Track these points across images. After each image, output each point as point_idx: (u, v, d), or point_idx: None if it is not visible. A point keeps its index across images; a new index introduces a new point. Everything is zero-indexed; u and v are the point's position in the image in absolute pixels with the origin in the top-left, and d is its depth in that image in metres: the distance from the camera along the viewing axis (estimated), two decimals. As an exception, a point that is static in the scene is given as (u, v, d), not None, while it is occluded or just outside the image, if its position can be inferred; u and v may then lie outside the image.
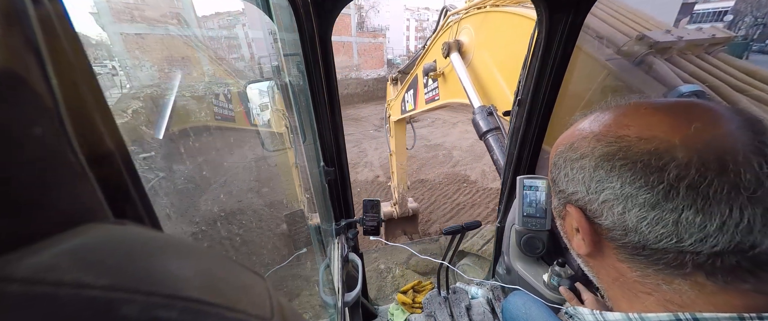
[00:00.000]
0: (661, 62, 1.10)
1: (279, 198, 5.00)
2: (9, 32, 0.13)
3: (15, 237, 0.12)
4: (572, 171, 0.37)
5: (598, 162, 0.34)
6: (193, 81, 7.07)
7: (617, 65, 1.16)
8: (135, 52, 8.13)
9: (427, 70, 2.36)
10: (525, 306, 1.05)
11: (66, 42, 0.17)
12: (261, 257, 4.28)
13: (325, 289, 0.99)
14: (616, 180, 0.32)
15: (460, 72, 1.86)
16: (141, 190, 0.22)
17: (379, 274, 3.18)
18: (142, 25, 8.26)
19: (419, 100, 2.89)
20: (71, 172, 0.15)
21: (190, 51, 7.30)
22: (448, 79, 2.25)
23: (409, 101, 3.18)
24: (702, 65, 1.17)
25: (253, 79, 5.31)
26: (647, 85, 1.09)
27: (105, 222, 0.16)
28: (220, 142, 6.76)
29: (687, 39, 1.19)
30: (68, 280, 0.11)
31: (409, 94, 3.15)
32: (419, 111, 3.00)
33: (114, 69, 7.77)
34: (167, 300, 0.13)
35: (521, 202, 1.12)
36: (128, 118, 4.93)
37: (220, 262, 0.18)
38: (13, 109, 0.12)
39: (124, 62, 8.34)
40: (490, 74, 1.77)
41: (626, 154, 0.31)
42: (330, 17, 0.79)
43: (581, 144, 0.36)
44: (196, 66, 7.39)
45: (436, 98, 2.53)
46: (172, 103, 4.16)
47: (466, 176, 7.17)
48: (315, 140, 1.00)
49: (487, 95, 1.79)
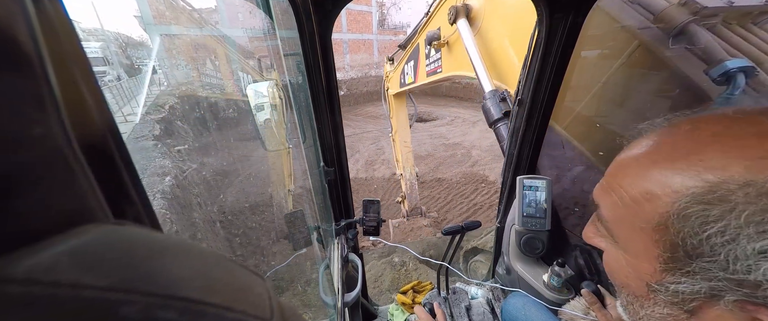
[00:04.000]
0: (705, 32, 0.92)
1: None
2: (9, 32, 0.13)
3: (14, 237, 0.12)
4: (743, 243, 0.25)
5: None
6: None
7: (651, 36, 0.98)
8: (172, 51, 8.50)
9: (431, 38, 2.12)
10: (524, 307, 1.05)
11: (66, 41, 0.17)
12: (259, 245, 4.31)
13: (325, 289, 0.99)
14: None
15: (467, 42, 1.61)
16: (141, 190, 0.22)
17: (393, 267, 3.16)
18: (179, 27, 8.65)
19: (420, 72, 2.63)
20: (71, 172, 0.15)
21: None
22: (453, 49, 2.01)
23: (409, 73, 2.90)
24: (748, 37, 0.98)
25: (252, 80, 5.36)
26: (685, 61, 0.93)
27: (105, 222, 0.16)
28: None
29: (737, 5, 0.99)
30: (67, 281, 0.11)
31: (409, 66, 2.86)
32: (420, 84, 2.73)
33: (154, 69, 8.23)
34: (166, 300, 0.13)
35: (521, 202, 1.11)
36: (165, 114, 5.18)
37: (219, 262, 0.18)
38: (13, 108, 0.12)
39: (163, 62, 8.71)
40: (500, 46, 1.54)
41: None
42: (330, 17, 0.79)
43: (739, 197, 0.25)
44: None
45: (438, 70, 2.28)
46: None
47: (485, 176, 7.12)
48: (315, 140, 1.00)
49: (497, 71, 1.56)
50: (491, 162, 7.86)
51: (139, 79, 8.83)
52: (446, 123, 12.15)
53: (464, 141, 9.63)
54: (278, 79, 2.56)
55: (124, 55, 12.04)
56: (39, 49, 0.14)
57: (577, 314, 0.87)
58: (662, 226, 0.30)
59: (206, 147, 6.99)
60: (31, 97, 0.13)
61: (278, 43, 0.99)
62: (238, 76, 4.66)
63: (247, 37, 15.13)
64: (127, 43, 14.39)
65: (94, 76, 0.19)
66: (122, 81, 8.08)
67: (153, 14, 8.87)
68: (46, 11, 0.15)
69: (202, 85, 8.94)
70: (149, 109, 6.55)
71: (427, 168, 7.76)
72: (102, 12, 15.82)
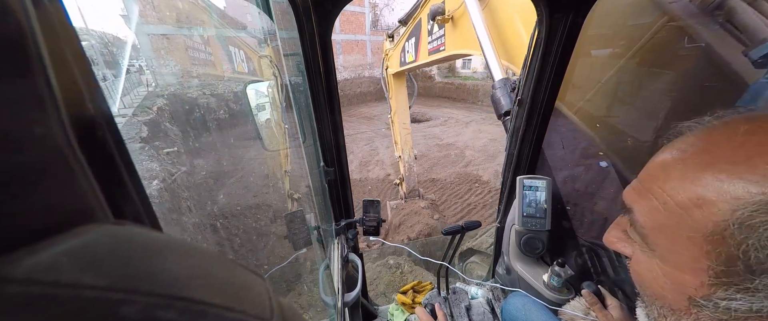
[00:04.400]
0: (747, 7, 0.82)
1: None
2: (9, 32, 0.13)
3: (14, 237, 0.12)
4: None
5: None
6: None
7: (684, 11, 0.87)
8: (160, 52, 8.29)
9: (435, 12, 1.98)
10: (525, 307, 1.05)
11: (66, 42, 0.17)
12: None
13: (325, 289, 0.99)
14: None
15: (474, 17, 1.46)
16: (141, 190, 0.22)
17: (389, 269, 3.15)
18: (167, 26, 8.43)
19: (421, 50, 2.47)
20: (71, 172, 0.15)
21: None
22: (458, 25, 1.87)
23: (410, 51, 2.72)
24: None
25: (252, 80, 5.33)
26: (720, 40, 0.81)
27: (105, 222, 0.16)
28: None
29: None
30: (67, 281, 0.11)
31: (411, 43, 2.68)
32: (421, 63, 2.58)
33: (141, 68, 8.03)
34: (167, 300, 0.13)
35: (521, 202, 1.11)
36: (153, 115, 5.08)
37: (219, 262, 0.18)
38: (13, 108, 0.12)
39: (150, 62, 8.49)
40: (510, 22, 1.39)
41: None
42: (330, 17, 0.79)
43: None
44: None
45: (440, 48, 2.14)
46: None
47: (479, 176, 7.17)
48: (315, 140, 1.00)
49: (505, 49, 1.41)
50: (484, 162, 7.91)
51: (123, 78, 8.71)
52: (440, 123, 12.21)
53: (457, 141, 9.68)
54: (272, 55, 2.46)
55: (109, 54, 11.78)
56: (39, 49, 0.14)
57: (577, 314, 0.87)
58: (717, 236, 0.27)
59: (198, 136, 6.86)
60: (31, 97, 0.13)
61: (278, 43, 0.99)
62: (228, 50, 4.37)
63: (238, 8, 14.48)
64: (111, 42, 14.02)
65: (94, 76, 0.19)
66: (108, 82, 7.93)
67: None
68: (46, 11, 0.15)
69: (190, 60, 8.54)
70: (136, 110, 6.44)
71: (421, 169, 7.79)
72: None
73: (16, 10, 0.13)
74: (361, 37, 20.37)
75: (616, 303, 0.81)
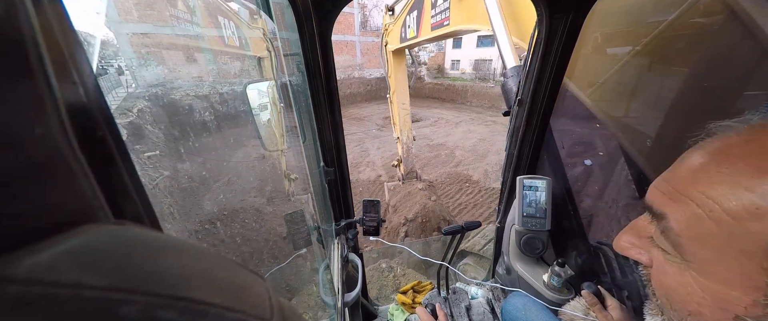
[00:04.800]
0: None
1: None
2: (9, 32, 0.13)
3: (14, 237, 0.12)
4: None
5: None
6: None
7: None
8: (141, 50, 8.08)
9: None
10: (525, 307, 1.05)
11: (66, 41, 0.17)
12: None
13: (325, 289, 0.99)
14: None
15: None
16: (141, 190, 0.22)
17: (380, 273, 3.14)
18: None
19: (424, 25, 2.28)
20: (71, 172, 0.15)
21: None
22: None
23: (411, 26, 2.52)
24: None
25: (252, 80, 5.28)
26: (764, 13, 0.62)
27: (105, 222, 0.16)
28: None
29: None
30: (67, 281, 0.11)
31: (412, 17, 2.49)
32: (423, 39, 2.40)
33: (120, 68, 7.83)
34: (167, 300, 0.13)
35: (521, 202, 1.11)
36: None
37: (219, 262, 0.18)
38: (13, 108, 0.12)
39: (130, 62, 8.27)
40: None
41: None
42: (330, 17, 0.79)
43: None
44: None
45: (445, 23, 2.00)
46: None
47: (469, 176, 7.20)
48: (315, 140, 1.00)
49: (517, 25, 1.27)
50: (474, 162, 7.95)
51: (105, 78, 8.41)
52: (430, 124, 12.24)
53: (448, 141, 9.70)
54: (265, 27, 2.31)
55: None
56: (39, 49, 0.14)
57: (577, 314, 0.87)
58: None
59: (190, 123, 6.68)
60: (31, 97, 0.13)
61: (278, 43, 0.99)
62: (218, 21, 4.00)
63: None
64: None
65: (94, 76, 0.19)
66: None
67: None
68: (46, 11, 0.15)
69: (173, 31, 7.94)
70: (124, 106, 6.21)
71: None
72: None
73: (16, 10, 0.13)
74: (351, 38, 20.27)
75: (615, 303, 0.81)
